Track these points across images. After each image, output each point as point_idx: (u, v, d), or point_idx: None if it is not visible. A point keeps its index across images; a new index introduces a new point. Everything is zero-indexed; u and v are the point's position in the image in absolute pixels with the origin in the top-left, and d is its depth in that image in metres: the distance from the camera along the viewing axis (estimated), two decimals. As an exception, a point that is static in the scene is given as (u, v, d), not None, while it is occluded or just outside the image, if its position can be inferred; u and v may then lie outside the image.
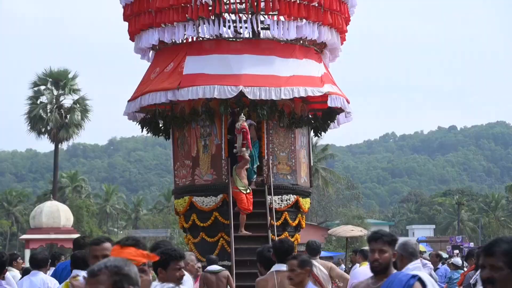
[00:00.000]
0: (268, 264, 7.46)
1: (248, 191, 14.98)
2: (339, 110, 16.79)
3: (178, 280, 5.79)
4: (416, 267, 6.90)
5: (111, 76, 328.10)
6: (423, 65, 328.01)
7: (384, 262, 5.59)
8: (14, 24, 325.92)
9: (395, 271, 5.66)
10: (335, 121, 17.25)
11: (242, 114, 15.18)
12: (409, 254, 7.00)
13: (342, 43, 17.24)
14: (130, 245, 4.65)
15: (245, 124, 14.92)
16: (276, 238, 13.77)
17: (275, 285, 7.13)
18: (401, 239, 7.35)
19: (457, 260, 15.93)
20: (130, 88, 17.50)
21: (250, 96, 15.02)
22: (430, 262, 10.95)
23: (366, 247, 9.69)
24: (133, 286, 2.98)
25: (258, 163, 15.67)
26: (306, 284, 6.54)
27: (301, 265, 6.58)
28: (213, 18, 15.52)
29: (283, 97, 15.18)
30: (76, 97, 47.39)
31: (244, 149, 14.93)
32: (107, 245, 5.65)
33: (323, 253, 18.31)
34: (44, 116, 45.96)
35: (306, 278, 6.59)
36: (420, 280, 5.39)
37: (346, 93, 16.68)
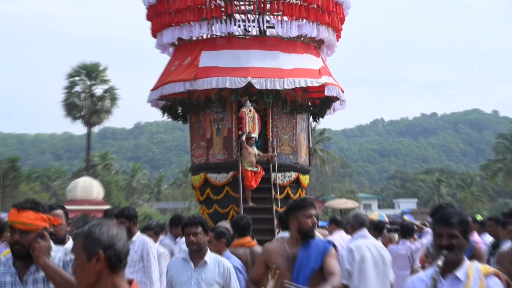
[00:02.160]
0: (241, 232, 7.41)
1: (255, 169, 14.98)
2: (334, 99, 16.76)
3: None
4: (360, 235, 6.87)
5: (137, 69, 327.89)
6: (409, 60, 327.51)
7: (315, 226, 5.15)
8: (53, 23, 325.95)
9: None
10: (331, 108, 17.24)
11: (248, 101, 15.21)
12: (359, 223, 7.00)
13: (337, 40, 17.18)
14: (28, 208, 3.97)
15: (243, 110, 15.01)
16: (280, 210, 13.83)
17: None
18: (353, 211, 7.35)
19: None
20: (152, 79, 17.47)
21: (257, 86, 15.01)
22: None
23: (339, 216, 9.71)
24: (105, 250, 2.60)
25: (257, 140, 15.70)
26: (223, 254, 6.41)
27: (217, 237, 6.52)
28: (225, 18, 15.48)
29: (286, 87, 15.16)
30: (106, 86, 47.47)
31: (240, 132, 15.02)
32: (57, 212, 5.01)
33: (320, 223, 18.30)
34: (78, 103, 46.05)
35: (222, 248, 6.49)
36: (335, 246, 5.16)
37: (341, 84, 16.64)
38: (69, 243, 5.05)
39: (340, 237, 8.80)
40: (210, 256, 5.57)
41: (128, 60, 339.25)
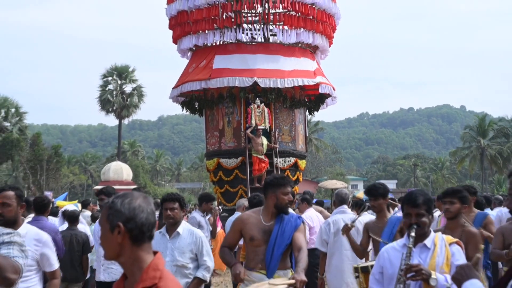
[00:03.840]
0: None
1: (261, 156, 15.01)
2: (327, 95, 16.74)
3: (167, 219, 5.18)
4: (339, 211, 6.80)
5: (160, 70, 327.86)
6: (390, 62, 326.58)
7: (291, 203, 4.81)
8: (90, 32, 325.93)
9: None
10: (324, 103, 17.22)
11: (257, 98, 15.22)
12: (339, 201, 6.90)
13: (330, 46, 17.15)
14: None
15: (251, 106, 15.05)
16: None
17: None
18: (336, 190, 7.25)
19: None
20: (173, 78, 17.50)
21: (262, 85, 15.03)
22: None
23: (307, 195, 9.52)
24: (124, 223, 2.24)
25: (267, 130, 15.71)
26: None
27: None
28: (235, 27, 15.47)
29: (286, 85, 15.17)
30: (134, 85, 47.40)
31: (247, 125, 15.07)
32: (7, 193, 4.16)
33: (314, 200, 18.32)
34: (111, 99, 46.04)
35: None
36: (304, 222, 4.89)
37: (333, 83, 16.62)
38: (22, 227, 4.26)
39: (316, 214, 8.83)
40: (183, 228, 5.28)
41: (153, 62, 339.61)
